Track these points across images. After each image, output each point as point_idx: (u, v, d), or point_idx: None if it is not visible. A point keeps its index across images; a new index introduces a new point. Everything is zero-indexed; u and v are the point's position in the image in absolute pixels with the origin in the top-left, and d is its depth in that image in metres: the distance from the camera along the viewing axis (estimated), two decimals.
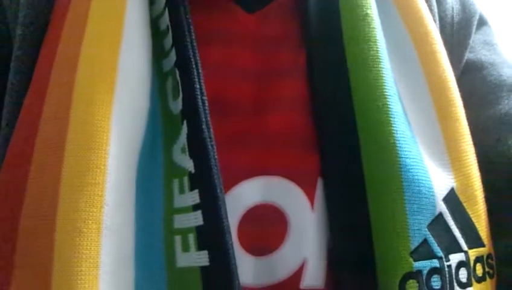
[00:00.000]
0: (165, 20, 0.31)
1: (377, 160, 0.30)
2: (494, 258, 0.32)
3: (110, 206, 0.26)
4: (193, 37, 0.30)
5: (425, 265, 0.29)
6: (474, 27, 0.40)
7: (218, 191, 0.27)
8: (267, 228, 0.30)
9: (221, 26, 0.33)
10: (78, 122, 0.27)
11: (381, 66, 0.31)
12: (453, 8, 0.39)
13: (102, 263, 0.25)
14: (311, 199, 0.31)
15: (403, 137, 0.30)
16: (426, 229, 0.29)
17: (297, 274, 0.30)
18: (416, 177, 0.30)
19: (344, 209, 0.30)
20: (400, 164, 0.30)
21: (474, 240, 0.31)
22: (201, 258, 0.27)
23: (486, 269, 0.31)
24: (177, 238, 0.27)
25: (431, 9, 0.37)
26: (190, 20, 0.31)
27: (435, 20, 0.37)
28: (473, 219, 0.31)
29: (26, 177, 0.26)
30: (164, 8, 0.32)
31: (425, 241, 0.29)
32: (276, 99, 0.32)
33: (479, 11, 0.40)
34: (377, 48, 0.32)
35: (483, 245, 0.31)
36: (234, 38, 0.33)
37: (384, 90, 0.31)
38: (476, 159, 0.33)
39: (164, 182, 0.29)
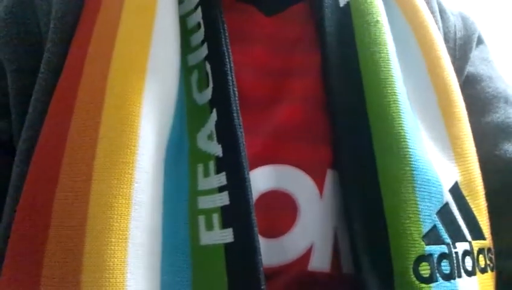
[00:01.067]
0: (196, 18, 0.34)
1: (388, 150, 0.31)
2: (493, 252, 0.34)
3: (139, 183, 0.28)
4: (227, 34, 0.33)
5: (435, 250, 0.30)
6: (475, 43, 0.43)
7: (246, 173, 0.29)
8: (278, 212, 0.32)
9: (242, 28, 0.35)
10: (112, 107, 0.29)
11: (391, 66, 0.34)
12: (455, 25, 0.42)
13: (131, 235, 0.27)
14: (320, 188, 0.32)
15: (412, 130, 0.32)
16: (435, 215, 0.31)
17: (305, 256, 0.31)
18: (425, 167, 0.31)
19: (358, 197, 0.31)
20: (410, 154, 0.31)
21: (476, 233, 0.33)
22: (226, 236, 0.28)
23: (487, 262, 0.33)
24: (201, 218, 0.29)
25: (436, 23, 0.40)
26: (224, 19, 0.33)
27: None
28: (475, 212, 0.33)
29: (62, 155, 0.28)
30: (196, 7, 0.34)
31: (434, 227, 0.31)
32: (289, 94, 0.34)
33: (478, 30, 0.44)
34: (387, 50, 0.34)
35: (484, 238, 0.33)
36: (253, 39, 0.35)
37: (395, 88, 0.33)
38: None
39: (189, 166, 0.30)
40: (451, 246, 0.31)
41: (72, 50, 0.32)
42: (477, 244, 0.32)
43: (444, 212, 0.31)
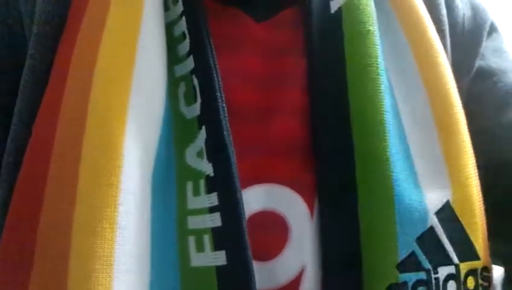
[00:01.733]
0: (181, 27, 0.32)
1: (370, 173, 0.31)
2: (491, 270, 0.32)
3: (124, 206, 0.27)
4: (212, 45, 0.32)
5: (411, 277, 0.30)
6: (486, 34, 0.38)
7: (239, 194, 0.29)
8: (268, 234, 0.31)
9: (231, 34, 0.34)
10: (95, 126, 0.28)
11: (380, 82, 0.32)
12: (464, 15, 0.38)
13: (116, 261, 0.26)
14: (311, 207, 0.31)
15: (397, 153, 0.31)
16: (415, 242, 0.30)
17: (297, 281, 0.31)
18: (407, 192, 0.30)
19: (337, 219, 0.31)
20: (392, 179, 0.30)
21: (467, 253, 0.31)
22: (218, 258, 0.28)
23: (480, 282, 0.32)
24: (191, 239, 0.29)
25: (439, 18, 0.37)
26: (208, 28, 0.32)
27: (443, 29, 0.37)
28: (468, 231, 0.32)
29: (45, 177, 0.27)
30: (181, 16, 0.33)
31: (413, 254, 0.30)
32: (278, 108, 0.33)
33: (490, 19, 0.39)
34: (377, 64, 0.32)
35: (477, 258, 0.32)
36: (243, 46, 0.34)
37: (382, 106, 0.31)
38: (485, 165, 0.33)
39: (177, 184, 0.30)
40: (432, 271, 0.30)
41: (57, 60, 0.31)
42: (466, 266, 0.31)
43: (427, 237, 0.31)
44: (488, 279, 0.32)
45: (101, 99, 0.28)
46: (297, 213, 0.31)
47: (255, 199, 0.31)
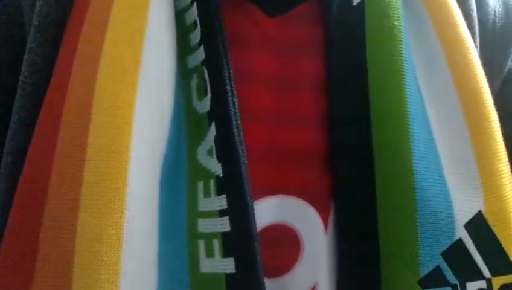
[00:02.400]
0: (192, 15, 0.30)
1: (390, 185, 0.29)
2: None
3: (131, 211, 0.25)
4: (224, 35, 0.29)
5: None
6: None
7: (248, 197, 0.27)
8: (280, 248, 0.30)
9: (241, 29, 0.32)
10: (99, 125, 0.26)
11: (404, 82, 0.29)
12: (495, 12, 0.34)
13: (122, 269, 0.25)
14: (325, 221, 0.30)
15: (422, 160, 0.29)
16: (440, 256, 0.29)
17: None
18: (432, 202, 0.29)
19: (354, 234, 0.30)
20: (415, 189, 0.28)
21: (500, 267, 0.29)
22: (227, 266, 0.26)
23: None
24: (201, 243, 0.27)
25: (469, 14, 0.33)
26: (220, 16, 0.30)
27: (473, 26, 0.33)
28: (503, 243, 0.29)
29: (48, 181, 0.26)
30: (192, 2, 0.31)
31: (437, 269, 0.28)
32: (295, 114, 0.32)
33: None
34: (401, 63, 0.30)
35: None
36: (253, 43, 0.32)
37: (405, 110, 0.29)
38: None
39: (188, 183, 0.28)
40: (459, 287, 0.29)
41: (60, 55, 0.29)
42: (500, 280, 0.29)
43: (454, 250, 0.29)
44: None
45: (106, 98, 0.26)
46: (311, 227, 0.30)
47: (267, 211, 0.30)
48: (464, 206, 0.29)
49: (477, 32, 0.34)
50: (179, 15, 0.31)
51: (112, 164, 0.26)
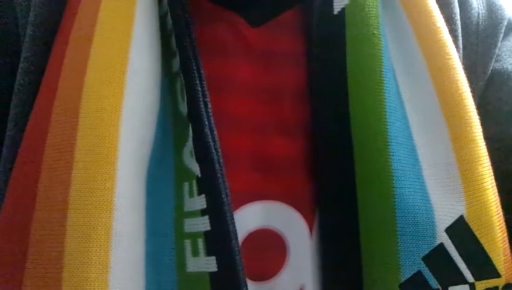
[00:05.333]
0: (170, 21, 0.31)
1: (370, 189, 0.29)
2: None
3: (119, 211, 0.26)
4: (193, 37, 0.30)
5: None
6: (502, 35, 0.34)
7: (224, 196, 0.27)
8: (266, 253, 0.31)
9: (223, 38, 0.33)
10: (87, 128, 0.27)
11: (383, 90, 0.30)
12: (478, 14, 0.34)
13: (112, 268, 0.25)
14: (310, 225, 0.31)
15: (401, 166, 0.29)
16: (421, 260, 0.29)
17: None
18: (412, 207, 0.29)
19: (337, 239, 0.30)
20: (394, 194, 0.29)
21: (484, 271, 0.29)
22: (210, 264, 0.27)
23: None
24: (187, 243, 0.28)
25: (452, 17, 0.33)
26: (189, 20, 0.30)
27: (456, 29, 0.34)
28: (486, 248, 0.29)
29: (37, 183, 0.27)
30: (167, 8, 0.31)
31: (419, 273, 0.29)
32: (278, 122, 0.32)
33: (508, 17, 0.34)
34: (381, 71, 0.30)
35: (497, 275, 0.29)
36: (235, 52, 0.33)
37: (384, 116, 0.29)
38: (501, 177, 0.30)
39: (175, 185, 0.29)
40: None
41: (50, 61, 0.30)
42: (483, 285, 0.29)
43: (435, 255, 0.29)
44: None
45: (93, 101, 0.27)
46: (296, 231, 0.31)
47: (252, 216, 0.30)
48: (445, 211, 0.29)
49: (459, 35, 0.34)
50: (162, 20, 0.31)
51: (100, 165, 0.26)
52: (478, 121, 0.30)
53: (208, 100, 0.29)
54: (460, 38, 0.34)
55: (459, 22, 0.34)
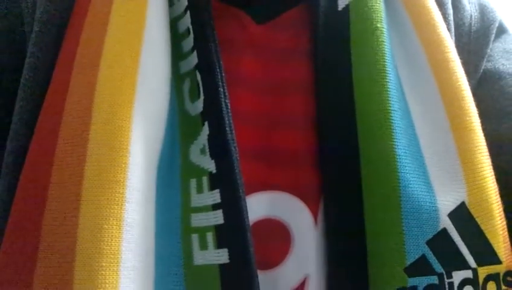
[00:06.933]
0: (186, 23, 0.32)
1: (375, 176, 0.30)
2: None
3: (131, 203, 0.26)
4: (216, 41, 0.31)
5: (421, 281, 0.29)
6: (493, 36, 0.36)
7: (241, 191, 0.28)
8: (271, 242, 0.31)
9: (230, 35, 0.34)
10: (100, 122, 0.27)
11: (387, 80, 0.31)
12: (471, 16, 0.36)
13: (123, 258, 0.26)
14: (315, 215, 0.31)
15: (405, 154, 0.30)
16: (425, 244, 0.29)
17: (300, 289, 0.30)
18: (416, 192, 0.29)
19: (341, 229, 0.30)
20: (399, 180, 0.29)
21: (486, 257, 0.30)
22: (221, 256, 0.27)
23: (503, 287, 0.30)
24: (194, 237, 0.28)
25: (446, 17, 0.35)
26: (212, 23, 0.31)
27: (449, 28, 0.35)
28: (487, 234, 0.30)
29: (49, 175, 0.27)
30: (185, 11, 0.32)
31: (423, 257, 0.29)
32: (284, 116, 0.33)
33: (499, 19, 0.37)
34: (384, 62, 0.31)
35: (498, 262, 0.30)
36: (242, 48, 0.34)
37: (388, 105, 0.30)
38: (494, 173, 0.31)
39: (181, 181, 0.29)
40: (445, 276, 0.29)
41: (60, 58, 0.31)
42: (485, 270, 0.30)
43: (439, 239, 0.29)
44: None
45: (107, 96, 0.28)
46: (302, 221, 0.31)
47: (259, 206, 0.31)
48: (447, 197, 0.30)
49: (453, 34, 0.36)
50: (172, 24, 0.32)
51: (113, 158, 0.27)
52: (476, 111, 0.31)
53: (228, 101, 0.30)
54: (453, 37, 0.36)
55: (452, 22, 0.36)
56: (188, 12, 0.32)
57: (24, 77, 0.31)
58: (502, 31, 0.38)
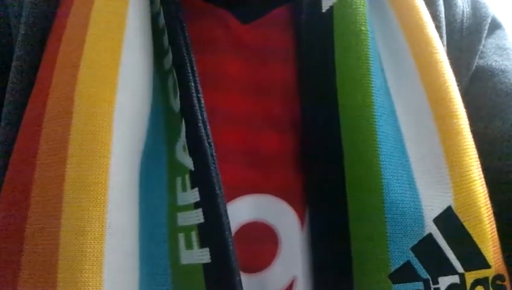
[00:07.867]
0: (162, 19, 0.32)
1: (358, 180, 0.30)
2: (505, 278, 0.30)
3: (113, 205, 0.26)
4: (186, 35, 0.30)
5: (406, 288, 0.29)
6: (485, 32, 0.35)
7: (217, 188, 0.28)
8: (258, 245, 0.31)
9: (214, 35, 0.34)
10: (80, 123, 0.27)
11: (371, 84, 0.30)
12: (463, 12, 0.35)
13: (106, 260, 0.26)
14: (301, 218, 0.31)
15: (389, 158, 0.30)
16: (410, 251, 0.29)
17: None
18: (400, 197, 0.29)
19: (327, 231, 0.30)
20: (382, 185, 0.29)
21: (474, 262, 0.29)
22: (204, 255, 0.27)
23: None
24: (181, 236, 0.28)
25: (437, 15, 0.34)
26: (183, 18, 0.31)
27: (440, 26, 0.34)
28: (475, 238, 0.29)
29: (31, 178, 0.27)
30: (160, 7, 0.32)
31: (408, 264, 0.29)
32: (268, 117, 0.33)
33: (492, 15, 0.35)
34: (368, 66, 0.31)
35: (487, 266, 0.29)
36: (226, 48, 0.33)
37: (372, 109, 0.30)
38: (484, 173, 0.30)
39: (168, 180, 0.29)
40: (431, 281, 0.29)
41: (43, 60, 0.31)
42: (473, 275, 0.29)
43: (424, 245, 0.29)
44: (503, 288, 0.30)
45: (86, 98, 0.27)
46: (288, 224, 0.31)
47: (245, 209, 0.31)
48: (433, 202, 0.29)
49: (444, 32, 0.35)
50: (154, 18, 0.32)
51: (94, 159, 0.27)
52: (465, 113, 0.30)
53: (200, 96, 0.29)
54: (444, 35, 0.35)
55: (443, 20, 0.35)
56: (161, 9, 0.32)
57: (11, 80, 0.31)
58: (495, 26, 0.36)
